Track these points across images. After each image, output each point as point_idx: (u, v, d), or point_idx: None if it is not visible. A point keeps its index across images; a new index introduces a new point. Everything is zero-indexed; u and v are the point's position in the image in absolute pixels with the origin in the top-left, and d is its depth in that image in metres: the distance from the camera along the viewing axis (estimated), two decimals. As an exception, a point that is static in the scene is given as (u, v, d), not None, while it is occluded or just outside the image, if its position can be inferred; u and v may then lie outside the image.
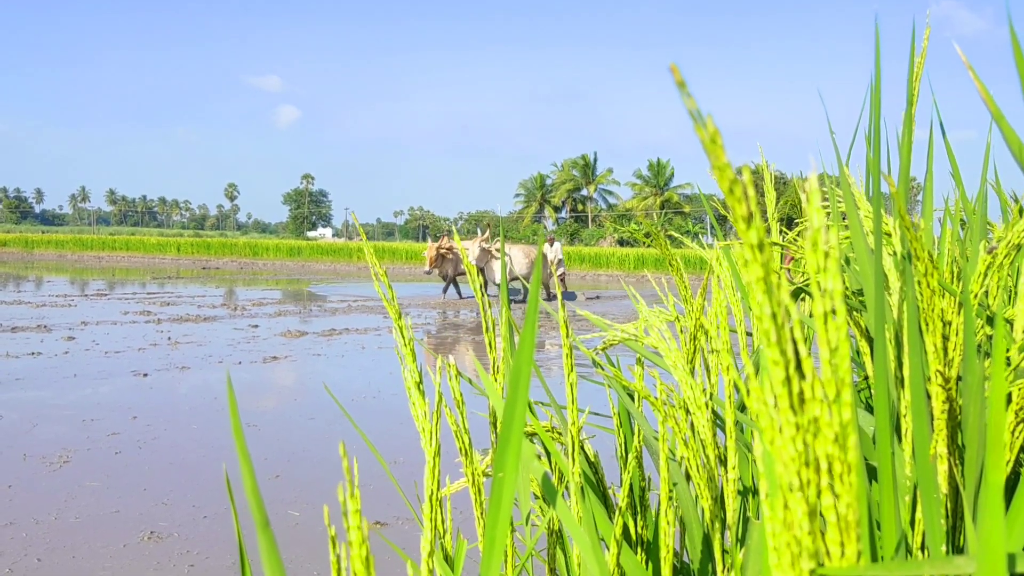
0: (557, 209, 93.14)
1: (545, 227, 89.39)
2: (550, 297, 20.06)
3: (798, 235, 1.15)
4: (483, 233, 19.03)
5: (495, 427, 0.78)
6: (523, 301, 19.49)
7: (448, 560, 0.80)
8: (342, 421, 6.16)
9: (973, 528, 0.58)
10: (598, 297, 22.15)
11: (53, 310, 14.19)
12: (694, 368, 0.81)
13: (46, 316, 13.06)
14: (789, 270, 1.60)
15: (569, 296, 21.25)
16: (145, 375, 7.88)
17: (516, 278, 19.28)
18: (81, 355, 9.06)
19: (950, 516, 0.74)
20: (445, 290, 19.75)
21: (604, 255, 38.04)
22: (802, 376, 0.36)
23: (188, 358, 9.09)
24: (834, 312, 0.36)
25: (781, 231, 1.50)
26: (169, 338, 10.78)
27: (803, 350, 0.36)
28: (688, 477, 0.80)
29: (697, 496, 0.72)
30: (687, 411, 0.71)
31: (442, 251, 18.79)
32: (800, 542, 0.35)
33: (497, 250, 18.33)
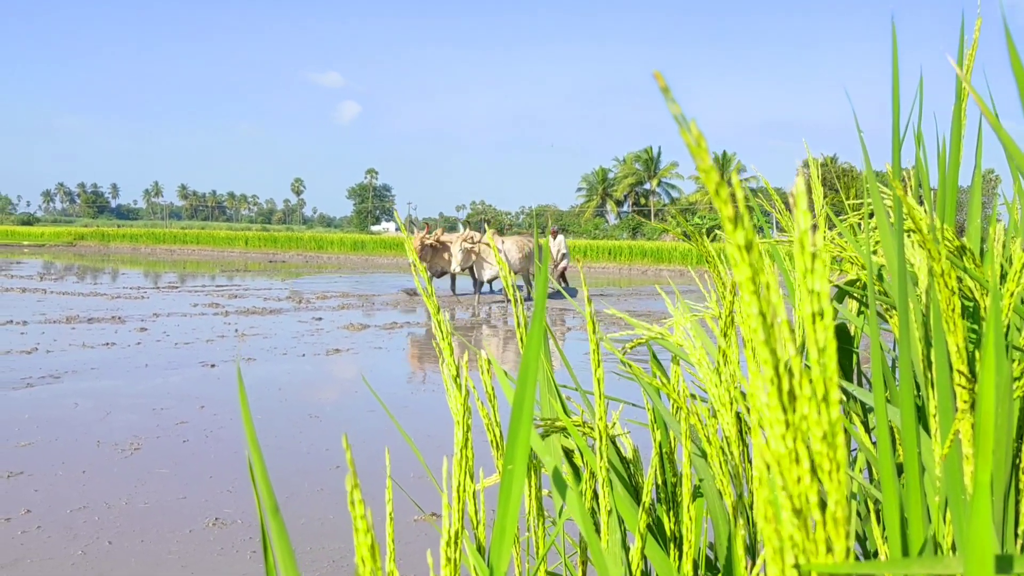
0: (619, 203, 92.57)
1: (607, 221, 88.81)
2: (531, 295, 18.43)
3: (839, 234, 1.14)
4: (464, 231, 17.46)
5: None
6: (528, 298, 18.24)
7: (481, 551, 0.82)
8: (402, 414, 6.25)
9: (992, 528, 0.57)
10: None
11: (127, 302, 14.68)
12: (722, 365, 0.81)
13: (120, 308, 13.52)
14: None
15: (570, 292, 19.52)
16: (213, 366, 8.10)
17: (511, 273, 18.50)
18: (152, 346, 9.36)
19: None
20: (453, 287, 18.28)
21: (666, 249, 37.65)
22: (791, 375, 0.37)
23: (254, 350, 9.31)
24: (822, 313, 0.37)
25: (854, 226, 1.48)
26: (236, 330, 11.06)
27: (792, 349, 0.37)
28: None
29: (721, 492, 0.73)
30: (713, 409, 0.72)
31: (430, 242, 17.10)
32: (782, 536, 0.36)
33: (485, 244, 17.01)
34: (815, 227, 1.13)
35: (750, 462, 0.74)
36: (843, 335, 1.26)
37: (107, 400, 6.44)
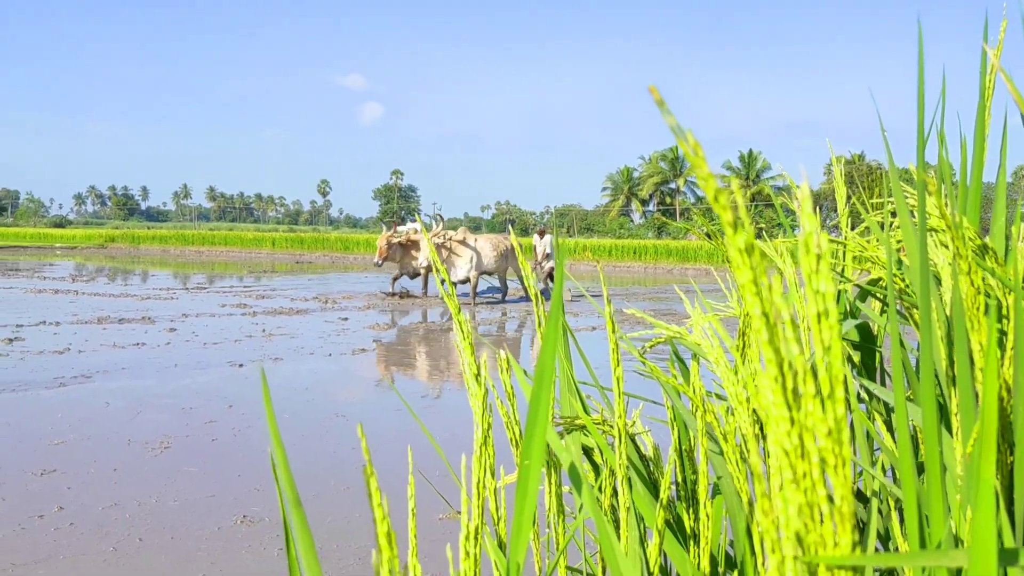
0: (644, 202, 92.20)
1: (631, 221, 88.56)
2: (505, 295, 18.04)
3: (862, 232, 1.14)
4: (437, 225, 16.81)
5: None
6: (521, 299, 17.87)
7: (502, 546, 0.83)
8: (427, 413, 6.28)
9: (995, 522, 0.58)
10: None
11: (156, 303, 14.86)
12: (740, 363, 0.82)
13: (150, 308, 13.69)
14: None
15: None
16: (241, 366, 8.19)
17: (485, 273, 16.81)
18: (181, 346, 9.47)
19: (1005, 515, 0.73)
20: (424, 286, 17.38)
21: (692, 249, 37.47)
22: (795, 373, 0.37)
23: (281, 350, 9.40)
24: (827, 313, 0.38)
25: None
26: (263, 330, 11.17)
27: (796, 348, 0.37)
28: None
29: (738, 491, 0.73)
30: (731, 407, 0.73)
31: (397, 241, 16.51)
32: (779, 527, 0.36)
33: (459, 242, 16.37)
34: (836, 227, 1.13)
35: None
36: (866, 334, 1.26)
37: (137, 399, 6.54)
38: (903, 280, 0.94)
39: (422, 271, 16.82)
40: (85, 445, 5.15)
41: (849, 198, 1.53)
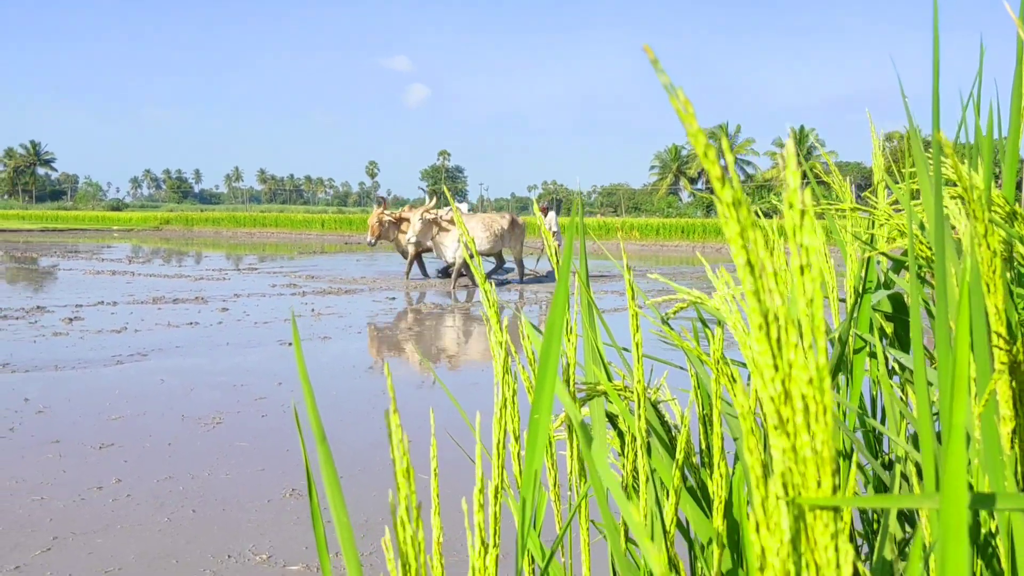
0: (693, 180, 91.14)
1: (680, 199, 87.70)
2: (498, 269, 17.12)
3: (892, 203, 1.13)
4: (429, 201, 15.57)
5: (567, 384, 0.83)
6: (501, 283, 16.47)
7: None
8: (473, 391, 6.34)
9: (964, 465, 0.58)
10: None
11: (209, 283, 15.18)
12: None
13: (203, 289, 14.00)
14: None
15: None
16: (290, 344, 8.34)
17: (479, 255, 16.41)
18: (233, 325, 9.68)
19: (1020, 478, 0.74)
20: (408, 270, 16.41)
21: (741, 227, 36.98)
22: (778, 322, 0.39)
23: (329, 329, 9.54)
24: (810, 266, 0.39)
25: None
26: (313, 310, 11.35)
27: (779, 299, 0.39)
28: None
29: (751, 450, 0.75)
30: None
31: (388, 219, 15.80)
32: (766, 468, 0.38)
33: (448, 221, 15.34)
34: (874, 192, 1.11)
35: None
36: (899, 306, 1.25)
37: (191, 377, 6.71)
38: (930, 249, 0.94)
39: (409, 242, 15.69)
40: (141, 420, 5.31)
41: (889, 167, 1.51)
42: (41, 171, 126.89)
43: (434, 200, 15.42)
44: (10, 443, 4.74)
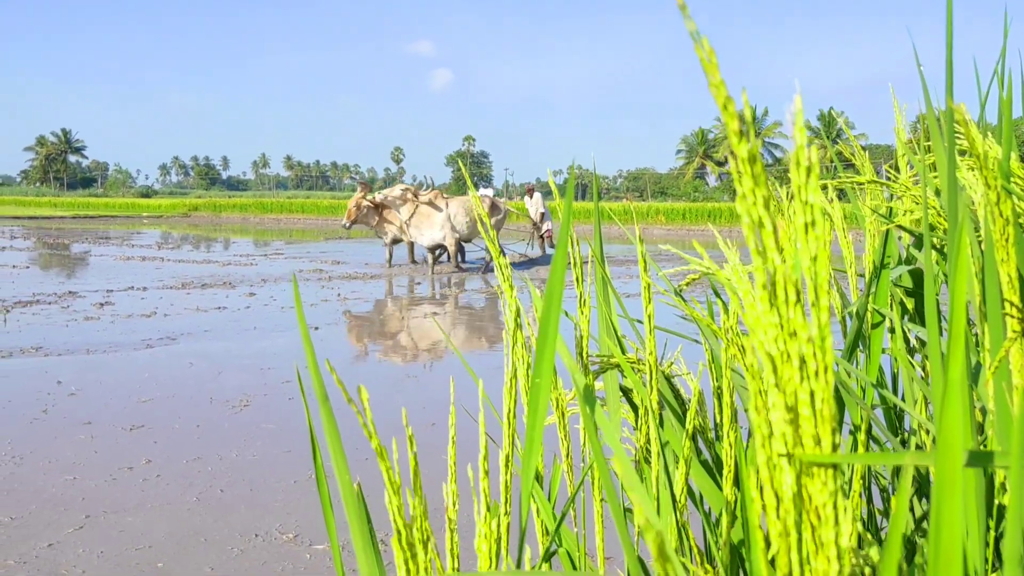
0: (720, 164, 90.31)
1: (707, 184, 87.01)
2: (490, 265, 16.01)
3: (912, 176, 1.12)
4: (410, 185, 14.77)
5: (580, 355, 0.84)
6: (488, 270, 15.69)
7: (539, 478, 0.86)
8: (498, 375, 6.36)
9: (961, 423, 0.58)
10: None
11: (237, 268, 15.32)
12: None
13: (231, 274, 14.13)
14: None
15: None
16: (316, 328, 8.41)
17: (460, 239, 15.38)
18: (260, 310, 9.77)
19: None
20: (390, 257, 16.03)
21: (768, 211, 36.65)
22: (782, 280, 0.39)
23: (354, 312, 9.61)
24: (814, 223, 0.39)
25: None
26: (338, 294, 11.42)
27: (779, 258, 0.39)
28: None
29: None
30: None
31: (368, 203, 15.23)
32: (771, 427, 0.38)
33: (428, 204, 14.97)
34: (895, 171, 1.10)
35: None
36: (920, 281, 1.24)
37: (219, 360, 6.79)
38: (944, 218, 0.92)
39: (390, 237, 15.55)
40: (170, 403, 5.39)
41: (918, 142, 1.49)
42: (72, 159, 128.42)
43: (416, 184, 14.85)
44: (44, 424, 4.83)
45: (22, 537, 3.25)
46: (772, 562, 0.42)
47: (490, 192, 23.05)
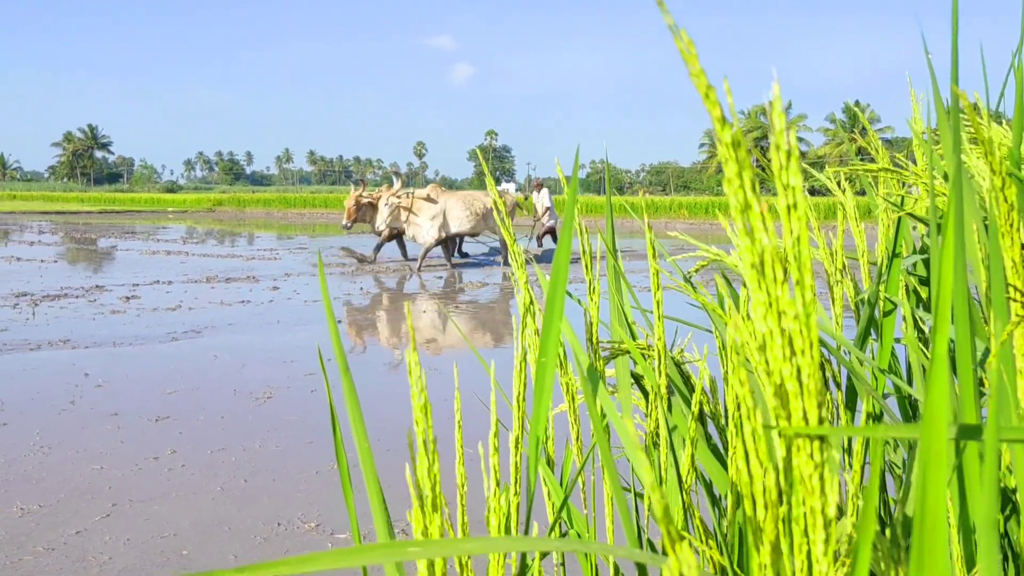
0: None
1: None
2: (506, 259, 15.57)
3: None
4: (395, 184, 14.62)
5: (590, 342, 0.85)
6: (506, 263, 15.37)
7: (550, 463, 0.88)
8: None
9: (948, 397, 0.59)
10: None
11: (261, 263, 15.46)
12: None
13: (255, 268, 14.26)
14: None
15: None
16: (339, 322, 8.47)
17: (460, 235, 15.24)
18: (283, 303, 9.86)
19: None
20: (378, 248, 15.45)
21: (792, 205, 36.38)
22: (770, 260, 0.40)
23: (377, 305, 9.67)
24: (796, 205, 0.40)
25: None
26: (361, 288, 11.50)
27: (767, 238, 0.40)
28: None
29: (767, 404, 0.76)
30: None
31: (366, 201, 14.63)
32: (753, 399, 0.40)
33: (423, 199, 14.56)
34: (910, 158, 1.10)
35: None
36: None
37: (243, 353, 6.87)
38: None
39: (377, 230, 14.99)
40: (195, 395, 5.46)
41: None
42: (99, 154, 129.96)
43: (399, 183, 14.62)
44: (71, 415, 4.92)
45: (50, 525, 3.31)
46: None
47: (512, 187, 22.97)
